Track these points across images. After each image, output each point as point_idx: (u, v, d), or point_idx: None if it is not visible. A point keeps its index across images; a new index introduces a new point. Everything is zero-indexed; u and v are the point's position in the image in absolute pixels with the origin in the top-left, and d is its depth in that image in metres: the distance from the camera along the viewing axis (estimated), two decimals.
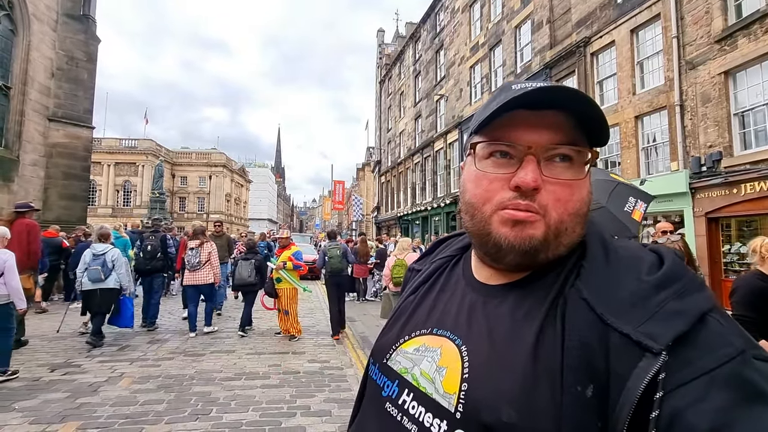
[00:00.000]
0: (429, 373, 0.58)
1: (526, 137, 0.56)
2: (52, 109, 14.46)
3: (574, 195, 0.56)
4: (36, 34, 13.78)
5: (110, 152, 42.69)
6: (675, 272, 0.50)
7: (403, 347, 0.64)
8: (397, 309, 0.74)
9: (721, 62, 9.10)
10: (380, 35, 41.69)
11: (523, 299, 0.57)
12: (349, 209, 43.16)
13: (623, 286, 0.50)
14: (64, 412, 3.57)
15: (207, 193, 49.84)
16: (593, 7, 12.57)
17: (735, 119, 8.99)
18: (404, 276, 0.88)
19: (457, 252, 0.75)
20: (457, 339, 0.59)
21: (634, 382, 0.43)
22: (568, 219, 0.55)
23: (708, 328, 0.44)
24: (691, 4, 9.77)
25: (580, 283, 0.52)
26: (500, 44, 17.55)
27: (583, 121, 0.56)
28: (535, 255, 0.55)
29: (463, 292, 0.65)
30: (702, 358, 0.43)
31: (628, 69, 11.35)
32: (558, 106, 0.55)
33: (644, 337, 0.44)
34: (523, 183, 0.54)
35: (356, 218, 35.94)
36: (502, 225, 0.56)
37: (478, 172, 0.60)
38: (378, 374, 0.66)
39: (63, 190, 14.70)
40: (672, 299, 0.47)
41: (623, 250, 0.56)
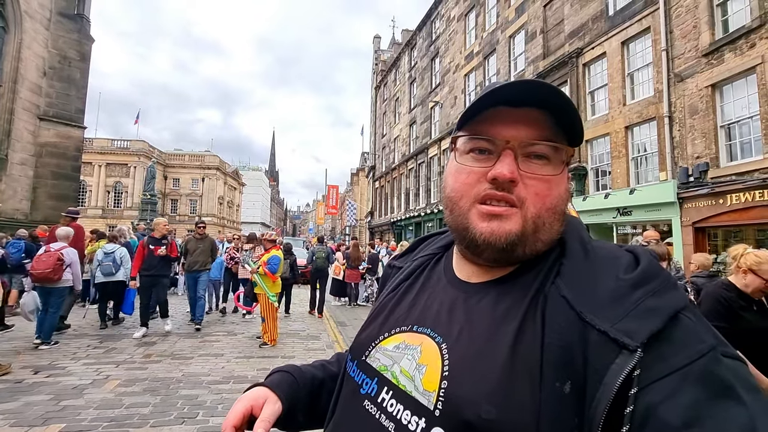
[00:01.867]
0: (409, 370, 0.58)
1: (505, 132, 0.57)
2: (43, 108, 14.32)
3: (552, 190, 0.57)
4: (28, 32, 13.67)
5: (102, 153, 42.24)
6: (651, 271, 0.51)
7: (383, 344, 0.64)
8: (377, 306, 0.73)
9: (708, 75, 9.31)
10: (376, 41, 41.97)
11: (503, 296, 0.57)
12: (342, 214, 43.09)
13: (601, 285, 0.51)
14: (47, 414, 3.50)
15: (199, 195, 49.47)
16: (585, 19, 12.81)
17: (721, 131, 9.18)
18: (383, 273, 0.87)
19: (439, 250, 0.76)
20: (437, 336, 0.58)
21: (611, 379, 0.44)
22: (546, 214, 0.56)
23: (681, 325, 0.46)
24: (680, 18, 10.00)
25: (560, 281, 0.53)
26: (494, 53, 17.77)
27: (561, 120, 0.58)
28: (512, 250, 0.56)
29: (444, 289, 0.65)
30: (675, 355, 0.44)
31: (619, 80, 11.55)
32: (538, 103, 0.56)
33: (621, 335, 0.45)
34: (499, 175, 0.55)
35: (350, 223, 35.91)
36: (479, 219, 0.57)
37: (458, 166, 0.61)
38: (356, 371, 0.66)
39: (52, 189, 14.51)
40: (648, 297, 0.48)
41: (601, 249, 0.57)
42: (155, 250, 6.34)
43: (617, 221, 11.43)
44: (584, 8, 12.85)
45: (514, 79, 0.58)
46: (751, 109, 8.59)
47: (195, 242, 7.49)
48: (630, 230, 11.62)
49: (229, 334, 6.98)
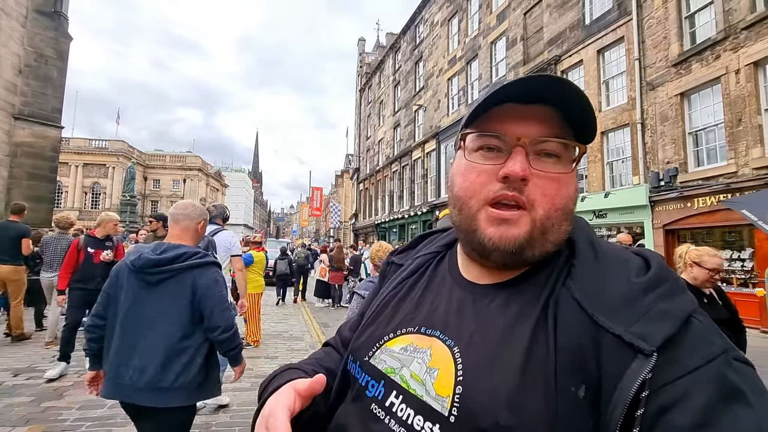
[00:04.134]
0: (419, 374, 0.56)
1: (516, 129, 0.56)
2: (18, 107, 13.94)
3: (561, 190, 0.56)
4: (4, 30, 13.33)
5: (78, 153, 41.14)
6: (662, 275, 0.51)
7: (389, 345, 0.62)
8: (379, 304, 0.71)
9: (677, 84, 9.78)
10: (361, 44, 42.16)
11: (514, 299, 0.56)
12: (326, 216, 42.99)
13: (613, 287, 0.50)
14: (29, 415, 3.49)
15: (181, 196, 48.53)
16: (563, 28, 13.24)
17: (689, 138, 9.65)
18: (382, 269, 0.84)
19: (441, 248, 0.74)
20: (448, 339, 0.57)
21: (627, 383, 0.43)
22: (555, 215, 0.55)
23: (692, 328, 0.46)
24: (651, 29, 10.48)
25: (572, 283, 0.53)
26: (477, 58, 18.14)
27: (571, 117, 0.57)
28: (520, 253, 0.55)
29: (450, 290, 0.64)
30: (686, 358, 0.44)
31: (595, 87, 11.99)
32: (547, 100, 0.56)
33: (636, 339, 0.45)
34: (512, 173, 0.54)
35: (334, 225, 35.88)
36: (488, 223, 0.56)
37: (467, 164, 0.60)
38: (360, 372, 0.63)
39: (28, 191, 14.12)
40: (660, 301, 0.48)
41: (610, 251, 0.57)
42: (95, 255, 4.84)
43: (593, 223, 11.83)
44: (562, 17, 13.29)
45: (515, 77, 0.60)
46: (717, 117, 9.08)
47: (153, 240, 6.13)
48: (605, 232, 12.04)
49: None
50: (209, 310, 1.99)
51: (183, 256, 2.02)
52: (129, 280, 2.02)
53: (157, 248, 2.04)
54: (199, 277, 2.01)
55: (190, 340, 1.96)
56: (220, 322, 1.98)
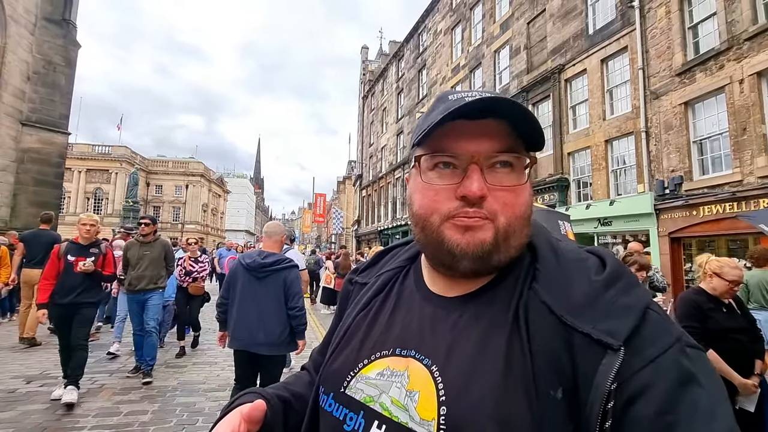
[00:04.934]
0: (400, 399, 0.55)
1: (468, 147, 0.57)
2: (26, 114, 14.07)
3: (519, 198, 0.57)
4: (12, 37, 13.49)
5: (82, 158, 41.31)
6: (618, 270, 0.53)
7: (364, 373, 0.60)
8: (348, 327, 0.68)
9: (681, 93, 9.86)
10: (364, 52, 42.50)
11: (485, 309, 0.57)
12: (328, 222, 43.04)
13: (577, 287, 0.52)
14: (45, 423, 3.51)
15: (183, 202, 48.73)
16: (567, 37, 13.37)
17: (694, 146, 9.70)
18: (343, 289, 0.81)
19: (405, 263, 0.73)
20: (424, 358, 0.56)
21: (601, 379, 0.45)
22: (516, 222, 0.57)
23: (650, 320, 0.49)
24: (655, 39, 10.58)
25: (538, 287, 0.54)
26: (480, 67, 18.29)
27: (518, 128, 0.58)
28: (488, 259, 0.56)
29: (420, 306, 0.63)
30: (647, 348, 0.46)
31: (599, 96, 12.08)
32: (495, 114, 0.57)
33: (604, 335, 0.47)
34: (469, 192, 0.55)
35: (336, 231, 35.89)
36: (454, 232, 0.57)
37: (424, 184, 0.60)
38: (334, 405, 0.61)
39: (33, 196, 14.20)
40: (620, 296, 0.50)
41: (569, 252, 0.58)
42: (75, 263, 4.13)
43: (598, 231, 11.86)
44: (566, 27, 13.43)
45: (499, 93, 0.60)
46: (721, 126, 9.13)
47: (139, 248, 5.00)
48: (610, 240, 12.06)
49: None
50: (292, 296, 3.19)
51: (278, 261, 3.22)
52: (244, 275, 3.19)
53: (261, 255, 3.25)
54: (287, 274, 3.21)
55: (284, 314, 3.18)
56: (297, 304, 3.21)
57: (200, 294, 6.43)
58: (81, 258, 4.19)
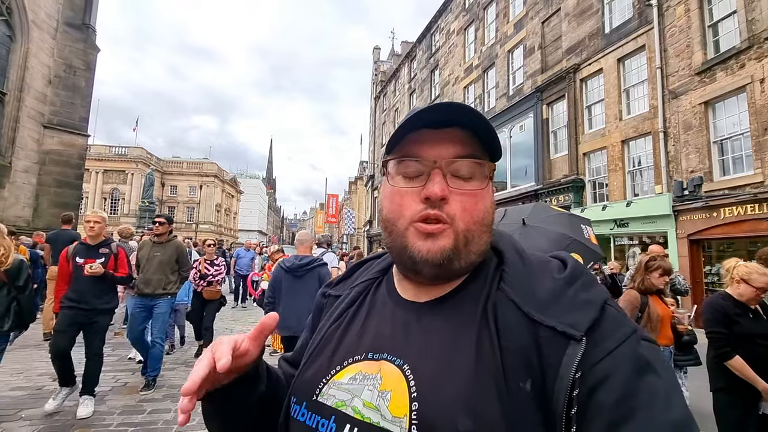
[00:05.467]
0: (371, 401, 0.56)
1: (432, 152, 0.60)
2: (47, 117, 14.45)
3: (478, 204, 0.60)
4: (35, 42, 13.87)
5: (99, 159, 42.21)
6: (577, 270, 0.58)
7: (336, 379, 0.61)
8: (320, 338, 0.69)
9: (701, 93, 9.67)
10: (376, 52, 42.56)
11: (455, 311, 0.59)
12: (340, 222, 43.23)
13: (541, 286, 0.55)
14: (73, 420, 3.61)
15: (197, 202, 49.43)
16: (582, 36, 13.21)
17: (714, 147, 9.51)
18: (317, 302, 0.81)
19: (378, 274, 0.75)
20: (396, 359, 0.57)
21: (565, 370, 0.48)
22: (475, 227, 0.59)
23: (607, 314, 0.52)
24: (674, 37, 10.39)
25: (506, 287, 0.57)
26: (493, 67, 18.18)
27: (482, 137, 0.61)
28: (449, 265, 0.58)
29: (392, 312, 0.64)
30: (606, 340, 0.49)
31: (615, 95, 11.91)
32: (457, 122, 0.60)
33: (567, 327, 0.50)
34: (431, 193, 0.58)
35: (348, 231, 36.03)
36: (416, 239, 0.59)
37: (392, 189, 0.63)
38: (307, 414, 0.61)
39: (55, 197, 14.58)
40: (580, 292, 0.54)
41: (534, 256, 0.62)
42: (84, 265, 3.78)
43: (614, 233, 11.70)
44: (581, 26, 13.27)
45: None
46: (742, 126, 8.93)
47: (150, 248, 4.68)
48: (627, 242, 11.88)
49: None
50: None
51: (312, 261, 3.92)
52: (286, 277, 3.87)
53: (297, 258, 3.96)
54: (320, 270, 3.87)
55: None
56: None
57: (216, 299, 6.05)
58: (90, 260, 3.81)
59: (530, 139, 15.29)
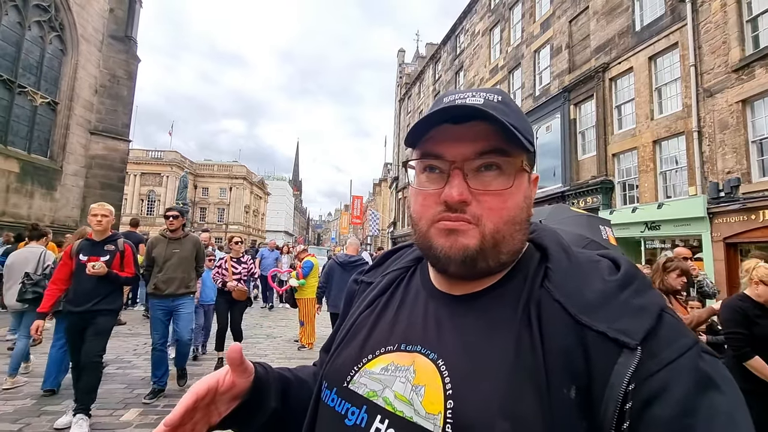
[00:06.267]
0: (404, 394, 0.54)
1: (451, 151, 0.56)
2: (93, 123, 15.46)
3: (507, 202, 0.56)
4: (83, 54, 14.88)
5: (137, 163, 44.37)
6: (632, 272, 0.53)
7: (368, 368, 0.60)
8: (352, 324, 0.68)
9: (738, 91, 9.32)
10: (401, 55, 42.81)
11: (492, 307, 0.56)
12: (364, 224, 43.65)
13: (590, 287, 0.52)
14: (126, 400, 3.99)
15: (227, 204, 51.11)
16: (612, 35, 12.95)
17: (753, 146, 9.14)
18: (348, 289, 0.81)
19: (411, 263, 0.73)
20: (430, 353, 0.56)
21: (617, 379, 0.45)
22: (505, 227, 0.55)
23: (665, 322, 0.48)
24: (709, 34, 10.06)
25: (550, 285, 0.53)
26: (519, 67, 18.02)
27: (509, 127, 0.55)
28: (473, 264, 0.55)
29: (425, 303, 0.62)
30: (664, 351, 0.46)
31: (646, 95, 11.62)
32: (479, 115, 0.55)
33: (619, 334, 0.46)
34: (449, 197, 0.55)
35: (372, 233, 36.36)
36: (438, 236, 0.57)
37: (415, 189, 0.61)
38: (337, 400, 0.60)
39: (99, 199, 15.30)
40: (634, 297, 0.50)
41: (581, 254, 0.58)
42: (87, 263, 3.50)
43: (645, 235, 11.40)
44: (611, 24, 13.01)
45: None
46: None
47: (166, 246, 4.39)
48: (658, 245, 11.55)
49: (269, 337, 7.46)
50: None
51: (358, 259, 5.64)
52: (337, 268, 5.54)
53: (347, 256, 5.73)
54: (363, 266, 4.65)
55: None
56: None
57: (244, 299, 5.63)
58: (94, 258, 3.52)
59: (557, 140, 15.08)
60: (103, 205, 3.70)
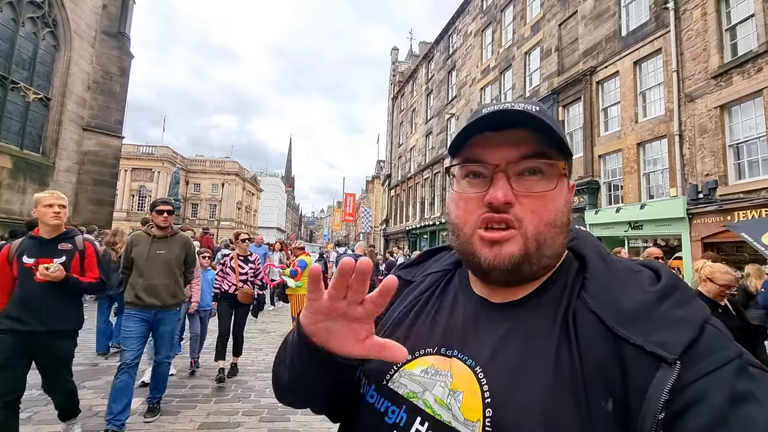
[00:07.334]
0: (443, 398, 0.55)
1: (495, 155, 0.58)
2: (86, 119, 15.45)
3: (548, 205, 0.57)
4: (76, 50, 14.84)
5: (128, 158, 43.85)
6: (673, 283, 0.52)
7: (408, 369, 0.61)
8: (392, 321, 0.69)
9: (717, 96, 9.71)
10: (394, 53, 42.95)
11: (530, 316, 0.56)
12: (357, 221, 43.84)
13: (629, 298, 0.51)
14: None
15: (219, 200, 50.95)
16: (599, 39, 13.29)
17: (730, 150, 9.54)
18: None
19: (451, 266, 0.74)
20: (468, 360, 0.56)
21: (654, 393, 0.44)
22: (546, 229, 0.56)
23: (707, 334, 0.47)
24: (690, 41, 10.43)
25: (587, 296, 0.53)
26: (510, 68, 18.33)
27: (549, 134, 0.57)
28: (518, 270, 0.56)
29: (464, 308, 0.63)
30: (702, 362, 0.44)
31: (631, 98, 11.98)
32: (519, 123, 0.57)
33: (657, 348, 0.45)
34: (494, 199, 0.56)
35: (364, 230, 36.59)
36: (482, 246, 0.57)
37: (457, 194, 0.62)
38: (376, 397, 0.62)
39: (92, 195, 15.57)
40: (675, 309, 0.49)
41: (620, 263, 0.58)
42: (35, 267, 2.68)
43: (628, 235, 11.79)
44: (598, 28, 13.35)
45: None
46: (759, 130, 8.96)
47: (149, 245, 3.59)
48: (641, 244, 11.95)
49: (263, 332, 7.67)
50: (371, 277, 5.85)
51: None
52: None
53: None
54: None
55: None
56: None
57: (248, 302, 5.07)
58: (44, 260, 2.69)
59: None
60: (55, 194, 2.89)
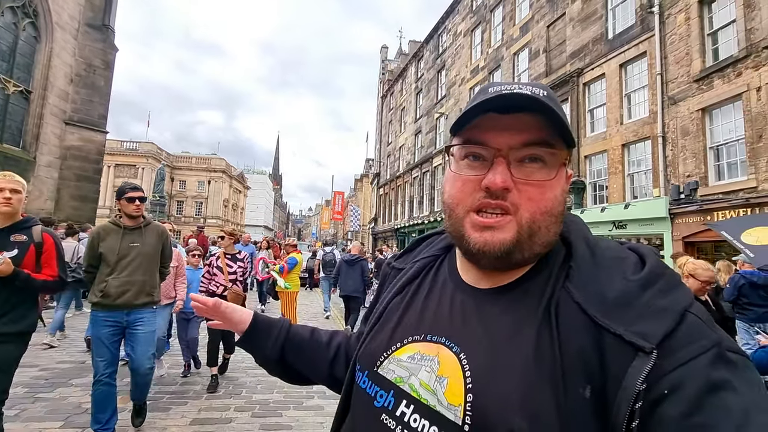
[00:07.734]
0: (429, 383, 0.57)
1: (497, 139, 0.57)
2: (69, 114, 15.06)
3: (546, 194, 0.56)
4: (58, 42, 14.46)
5: (111, 154, 42.89)
6: (657, 271, 0.52)
7: (396, 355, 0.63)
8: (383, 310, 0.71)
9: (699, 100, 9.99)
10: (383, 51, 42.93)
11: (516, 304, 0.57)
12: (345, 219, 43.74)
13: (611, 287, 0.51)
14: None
15: (205, 197, 50.24)
16: (586, 41, 13.53)
17: (710, 152, 9.84)
18: (382, 272, 0.85)
19: (440, 251, 0.74)
20: (454, 346, 0.58)
21: (630, 381, 0.44)
22: (541, 218, 0.56)
23: (687, 323, 0.47)
24: (674, 45, 10.71)
25: (571, 285, 0.54)
26: (499, 69, 18.51)
27: (554, 122, 0.56)
28: (508, 258, 0.56)
29: (452, 295, 0.64)
30: (680, 351, 0.45)
31: (617, 100, 12.24)
32: (526, 107, 0.56)
33: (636, 337, 0.46)
34: (492, 184, 0.55)
35: (353, 228, 36.54)
36: (473, 230, 0.57)
37: (453, 174, 0.61)
38: (368, 383, 0.64)
39: (75, 191, 15.21)
40: (657, 298, 0.49)
41: (608, 250, 0.57)
42: None
43: (613, 234, 12.05)
44: (585, 31, 13.59)
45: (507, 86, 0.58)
46: (737, 133, 9.26)
47: (120, 237, 3.16)
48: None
49: None
50: (365, 271, 7.91)
51: (359, 258, 7.96)
52: (344, 264, 7.88)
53: (351, 255, 8.05)
54: (362, 263, 7.90)
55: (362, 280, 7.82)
56: (367, 275, 8.06)
57: (240, 302, 4.52)
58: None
59: None
60: (9, 175, 2.49)
